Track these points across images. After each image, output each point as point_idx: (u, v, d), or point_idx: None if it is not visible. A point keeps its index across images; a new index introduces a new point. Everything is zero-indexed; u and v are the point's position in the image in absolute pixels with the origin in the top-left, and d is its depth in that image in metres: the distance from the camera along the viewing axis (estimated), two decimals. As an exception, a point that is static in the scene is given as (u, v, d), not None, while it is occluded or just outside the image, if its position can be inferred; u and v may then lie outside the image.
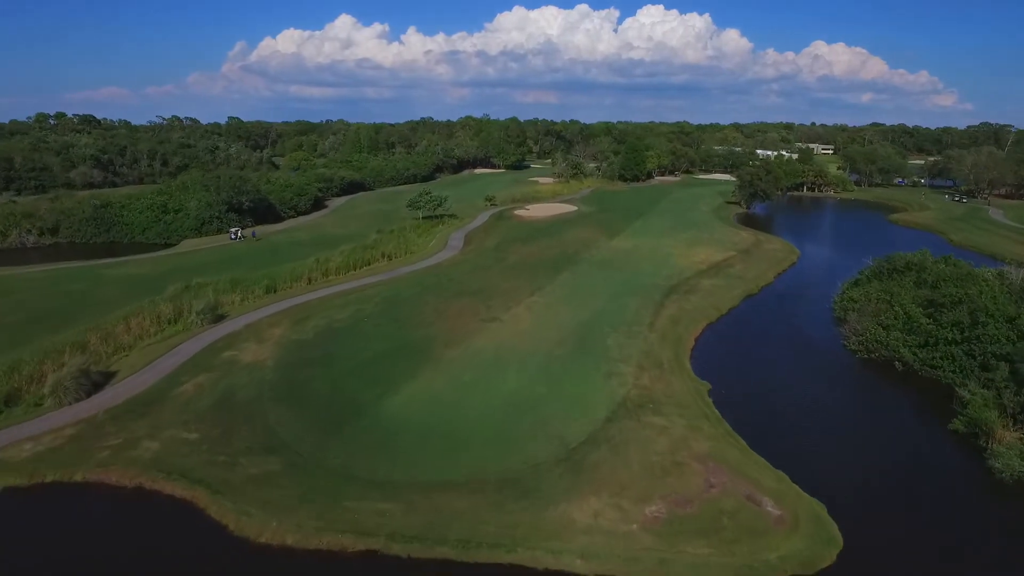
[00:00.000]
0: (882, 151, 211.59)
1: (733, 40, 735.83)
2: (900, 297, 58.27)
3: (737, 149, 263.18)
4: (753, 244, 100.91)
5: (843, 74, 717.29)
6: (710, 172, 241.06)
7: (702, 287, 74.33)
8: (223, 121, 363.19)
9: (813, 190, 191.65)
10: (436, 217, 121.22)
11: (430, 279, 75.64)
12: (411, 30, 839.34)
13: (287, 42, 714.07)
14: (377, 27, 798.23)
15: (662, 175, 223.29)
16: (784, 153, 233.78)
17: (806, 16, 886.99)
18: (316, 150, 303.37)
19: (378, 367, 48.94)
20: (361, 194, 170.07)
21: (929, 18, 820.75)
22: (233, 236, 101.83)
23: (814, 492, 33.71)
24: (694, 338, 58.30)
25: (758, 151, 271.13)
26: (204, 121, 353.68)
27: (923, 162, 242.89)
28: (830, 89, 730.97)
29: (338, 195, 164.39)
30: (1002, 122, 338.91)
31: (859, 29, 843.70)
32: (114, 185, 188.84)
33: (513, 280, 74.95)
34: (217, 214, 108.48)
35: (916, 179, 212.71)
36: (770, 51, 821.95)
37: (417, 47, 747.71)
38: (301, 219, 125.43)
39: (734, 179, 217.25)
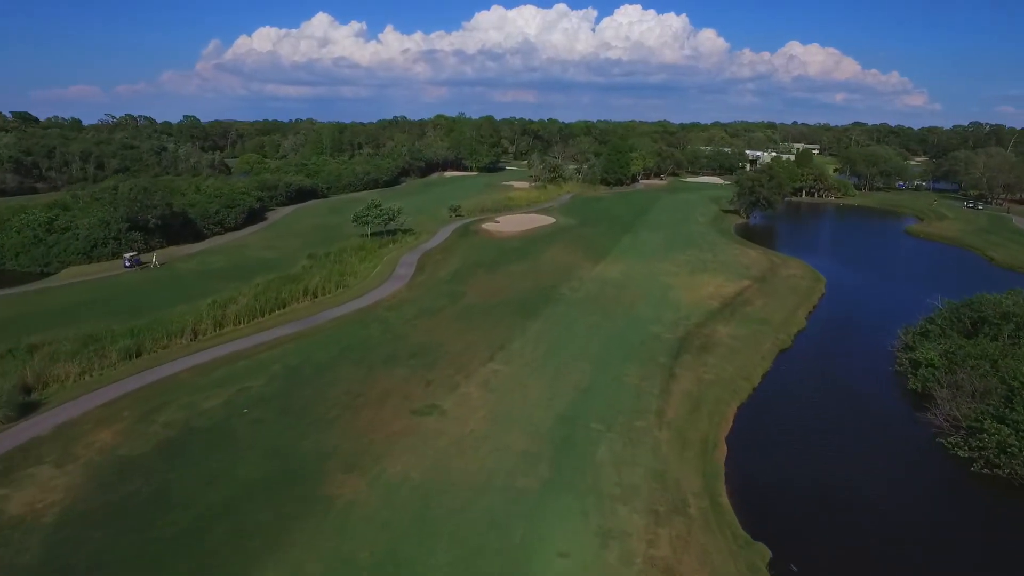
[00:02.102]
0: (882, 152, 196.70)
1: (710, 40, 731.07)
2: (1017, 371, 40.55)
3: (726, 150, 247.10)
4: (768, 269, 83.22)
5: (817, 74, 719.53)
6: (698, 175, 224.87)
7: (720, 340, 56.14)
8: (199, 120, 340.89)
9: (812, 195, 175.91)
10: (389, 233, 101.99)
11: (357, 332, 56.41)
12: (388, 28, 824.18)
13: (263, 40, 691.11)
14: (354, 25, 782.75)
15: (647, 178, 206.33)
16: (781, 155, 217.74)
17: (781, 17, 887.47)
18: (279, 151, 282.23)
19: (226, 525, 29.74)
20: (312, 203, 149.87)
21: (900, 20, 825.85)
22: (127, 263, 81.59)
23: None
24: (724, 437, 39.97)
25: (747, 152, 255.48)
26: (174, 120, 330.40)
27: (923, 163, 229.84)
28: (805, 89, 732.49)
29: (285, 204, 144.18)
30: (966, 121, 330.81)
31: (833, 30, 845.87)
32: (34, 192, 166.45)
33: (468, 332, 56.07)
34: (114, 234, 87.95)
35: (919, 182, 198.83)
36: (746, 51, 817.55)
37: (394, 46, 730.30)
38: (228, 236, 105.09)
39: (725, 182, 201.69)
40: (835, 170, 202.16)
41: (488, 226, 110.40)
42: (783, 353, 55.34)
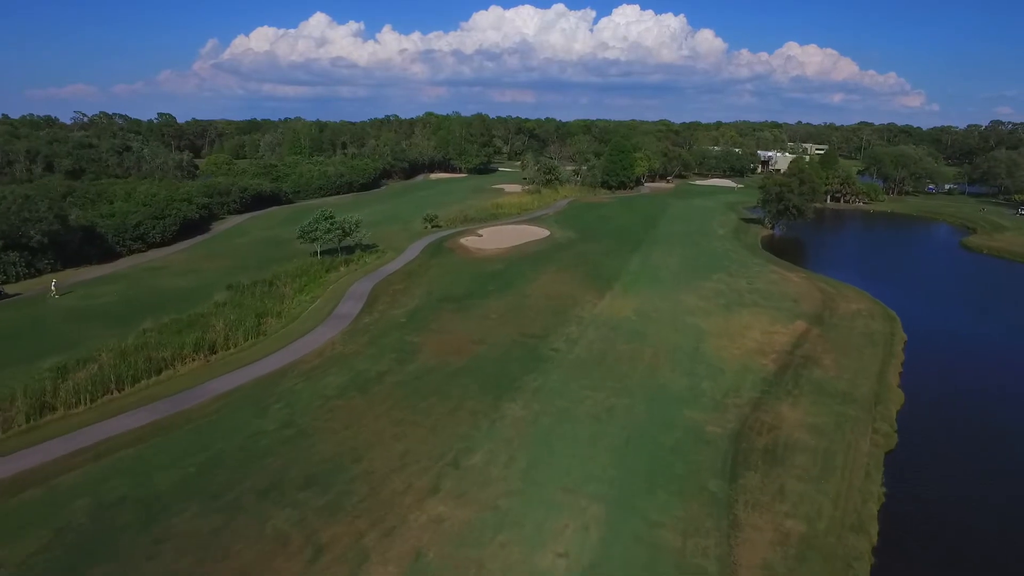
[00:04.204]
0: (912, 153, 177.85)
1: (707, 40, 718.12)
2: None
3: (736, 150, 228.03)
4: (822, 303, 64.25)
5: (815, 75, 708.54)
6: (706, 177, 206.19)
7: (793, 436, 36.97)
8: (189, 118, 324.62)
9: (838, 200, 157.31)
10: (345, 250, 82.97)
11: (243, 425, 37.15)
12: (386, 28, 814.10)
13: (260, 40, 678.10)
14: (352, 25, 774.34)
15: (651, 180, 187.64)
16: (804, 156, 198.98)
17: (779, 18, 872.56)
18: (258, 151, 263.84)
19: None
20: (272, 209, 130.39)
21: (898, 20, 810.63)
22: (-16, 296, 62.50)
23: None
24: None
25: (759, 152, 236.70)
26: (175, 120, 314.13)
27: (959, 167, 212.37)
28: (802, 89, 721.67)
29: (240, 211, 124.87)
30: (964, 121, 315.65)
31: (831, 31, 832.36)
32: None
33: (409, 427, 36.82)
34: (-18, 255, 68.90)
35: (951, 186, 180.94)
36: (744, 51, 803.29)
37: (392, 46, 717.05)
38: (150, 255, 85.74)
39: (738, 185, 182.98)
40: (858, 172, 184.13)
41: (468, 241, 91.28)
42: (891, 457, 36.22)
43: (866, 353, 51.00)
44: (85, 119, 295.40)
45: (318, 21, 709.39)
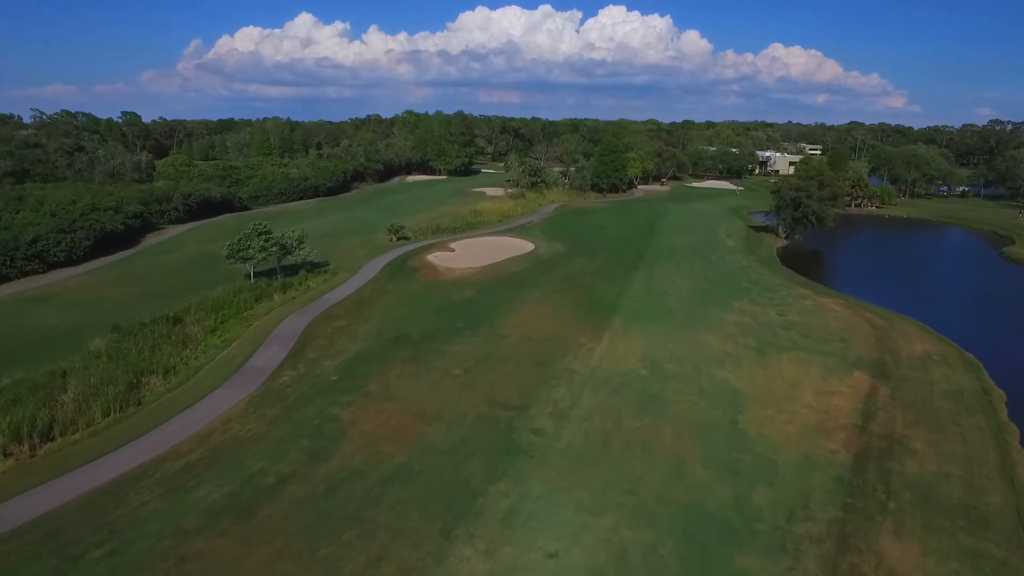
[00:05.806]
0: (925, 153, 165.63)
1: (693, 41, 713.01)
2: None
3: (733, 150, 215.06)
4: (876, 341, 50.44)
5: (800, 76, 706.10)
6: (702, 178, 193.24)
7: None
8: (186, 118, 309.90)
9: (848, 204, 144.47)
10: (286, 271, 68.39)
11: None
12: (372, 29, 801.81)
13: (245, 40, 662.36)
14: (338, 25, 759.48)
15: (644, 183, 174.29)
16: (812, 155, 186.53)
17: (764, 19, 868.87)
18: (228, 152, 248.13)
19: None
20: (223, 218, 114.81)
21: (881, 23, 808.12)
22: None
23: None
24: None
25: (757, 152, 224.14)
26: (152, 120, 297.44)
27: (973, 168, 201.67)
28: (788, 90, 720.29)
29: (184, 220, 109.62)
30: (945, 123, 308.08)
31: (815, 32, 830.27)
32: None
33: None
34: None
35: (965, 188, 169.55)
36: (730, 52, 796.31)
37: (378, 46, 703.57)
38: (50, 277, 70.69)
39: (737, 188, 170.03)
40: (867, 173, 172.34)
41: (437, 258, 76.68)
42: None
43: (966, 427, 37.13)
44: (44, 117, 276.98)
45: (303, 21, 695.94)
